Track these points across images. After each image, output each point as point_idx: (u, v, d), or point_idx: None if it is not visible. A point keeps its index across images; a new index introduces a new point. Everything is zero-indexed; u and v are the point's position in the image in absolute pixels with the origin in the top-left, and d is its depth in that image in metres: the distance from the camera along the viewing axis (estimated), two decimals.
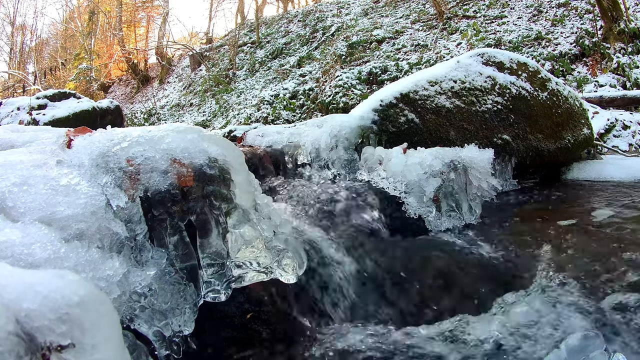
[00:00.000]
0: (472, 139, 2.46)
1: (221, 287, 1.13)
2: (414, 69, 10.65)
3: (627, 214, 1.87)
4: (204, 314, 1.13)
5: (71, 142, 1.15)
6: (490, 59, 2.83)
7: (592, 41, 9.28)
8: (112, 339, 0.63)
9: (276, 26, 19.51)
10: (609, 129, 6.03)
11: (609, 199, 2.17)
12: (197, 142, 1.18)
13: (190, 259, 1.09)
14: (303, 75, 13.72)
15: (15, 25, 25.27)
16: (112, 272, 0.89)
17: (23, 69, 24.52)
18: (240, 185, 1.21)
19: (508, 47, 10.09)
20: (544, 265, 1.50)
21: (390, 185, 1.97)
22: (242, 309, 1.33)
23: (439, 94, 2.55)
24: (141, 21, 26.00)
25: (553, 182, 2.81)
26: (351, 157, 2.21)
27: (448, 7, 13.39)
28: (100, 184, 1.04)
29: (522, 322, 1.25)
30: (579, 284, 1.36)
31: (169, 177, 1.09)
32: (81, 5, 26.78)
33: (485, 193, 2.20)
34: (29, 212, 0.89)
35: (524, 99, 2.70)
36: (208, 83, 17.01)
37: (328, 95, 10.93)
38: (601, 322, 1.19)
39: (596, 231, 1.70)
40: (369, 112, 2.41)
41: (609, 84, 8.06)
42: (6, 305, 0.54)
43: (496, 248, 1.68)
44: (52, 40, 29.00)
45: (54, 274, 0.62)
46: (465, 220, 1.93)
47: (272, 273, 1.22)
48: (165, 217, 1.07)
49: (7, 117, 8.39)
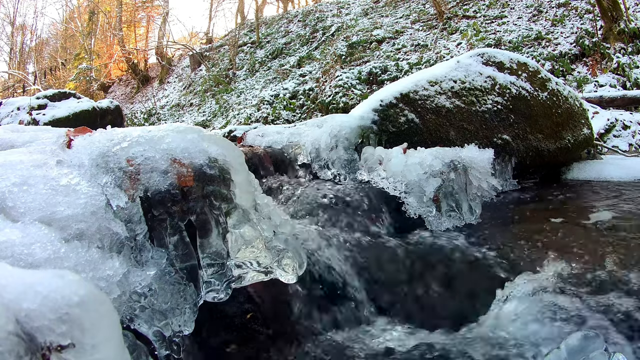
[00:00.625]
0: (472, 139, 2.46)
1: (221, 287, 1.13)
2: (414, 69, 10.65)
3: (627, 215, 1.87)
4: (204, 314, 1.13)
5: (71, 142, 1.15)
6: (490, 59, 2.83)
7: (592, 41, 9.28)
8: (112, 339, 0.63)
9: (276, 26, 19.51)
10: (609, 129, 6.03)
11: (609, 198, 2.17)
12: (197, 142, 1.18)
13: (190, 259, 1.09)
14: (303, 75, 13.72)
15: (15, 25, 25.29)
16: (112, 272, 0.89)
17: (23, 69, 24.53)
18: (240, 185, 1.21)
19: (508, 47, 10.09)
20: (544, 265, 1.50)
21: (390, 185, 1.97)
22: (242, 309, 1.33)
23: (439, 94, 2.55)
24: (141, 21, 26.01)
25: (553, 182, 2.81)
26: (351, 157, 2.21)
27: (448, 7, 13.39)
28: (100, 184, 1.04)
29: (522, 322, 1.25)
30: (579, 284, 1.36)
31: (169, 177, 1.09)
32: (81, 5, 26.80)
33: (485, 193, 2.20)
34: (29, 212, 0.89)
35: (524, 99, 2.70)
36: (208, 83, 17.01)
37: (328, 95, 10.93)
38: (601, 322, 1.19)
39: (596, 231, 1.70)
40: (369, 112, 2.41)
41: (609, 84, 8.06)
42: (6, 305, 0.54)
43: (496, 248, 1.68)
44: (52, 40, 29.02)
45: (54, 274, 0.62)
46: (465, 220, 1.93)
47: (272, 273, 1.22)
48: (165, 217, 1.07)
49: (7, 117, 8.39)
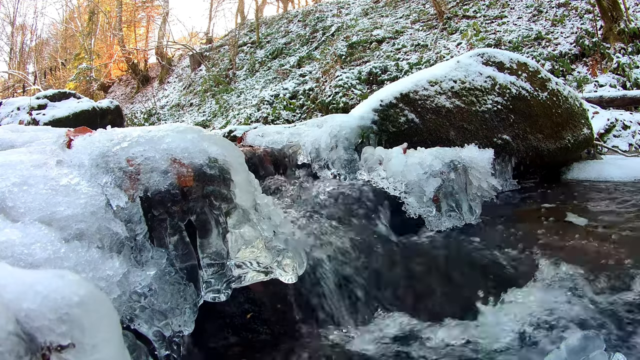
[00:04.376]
0: (472, 139, 2.46)
1: (221, 287, 1.13)
2: (414, 69, 10.64)
3: (627, 215, 1.87)
4: (204, 314, 1.13)
5: (71, 142, 1.15)
6: (490, 59, 2.83)
7: (592, 41, 9.27)
8: (112, 339, 0.63)
9: (276, 26, 19.50)
10: (609, 129, 6.02)
11: (609, 199, 2.17)
12: (197, 142, 1.18)
13: (190, 259, 1.09)
14: (303, 75, 13.71)
15: (15, 25, 25.26)
16: (112, 272, 0.89)
17: (23, 69, 24.51)
18: (240, 185, 1.21)
19: (508, 47, 10.09)
20: (544, 265, 1.50)
21: (390, 185, 1.97)
22: (242, 309, 1.33)
23: (439, 94, 2.55)
24: (141, 21, 25.99)
25: (553, 182, 2.81)
26: (351, 157, 2.21)
27: (448, 7, 13.38)
28: (100, 184, 1.04)
29: (521, 322, 1.25)
30: (579, 284, 1.36)
31: (169, 177, 1.09)
32: (81, 5, 26.77)
33: (485, 193, 2.20)
34: (29, 212, 0.89)
35: (524, 99, 2.70)
36: (208, 83, 17.00)
37: (328, 95, 10.93)
38: (601, 322, 1.19)
39: (596, 231, 1.70)
40: (369, 112, 2.41)
41: (609, 84, 8.06)
42: (6, 305, 0.54)
43: (496, 248, 1.68)
44: (52, 40, 28.99)
45: (54, 274, 0.62)
46: (465, 220, 1.93)
47: (272, 273, 1.22)
48: (165, 217, 1.07)
49: (7, 117, 8.38)
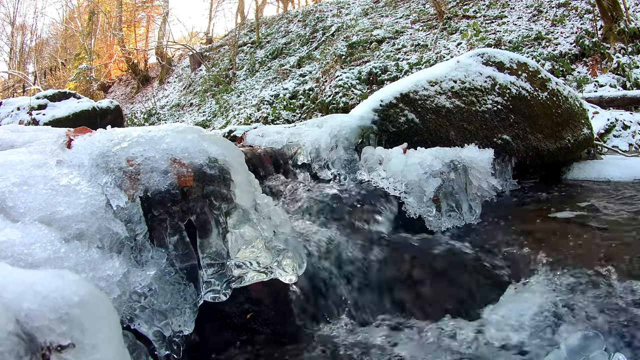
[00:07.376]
0: (472, 139, 2.46)
1: (221, 287, 1.13)
2: (414, 69, 10.64)
3: (627, 214, 1.87)
4: (204, 314, 1.13)
5: (71, 142, 1.15)
6: (490, 59, 2.83)
7: (592, 41, 9.28)
8: (112, 339, 0.63)
9: (276, 26, 19.50)
10: (609, 129, 6.03)
11: (609, 199, 2.17)
12: (197, 142, 1.19)
13: (190, 259, 1.09)
14: (303, 75, 13.71)
15: (15, 25, 25.27)
16: (112, 272, 0.89)
17: (23, 69, 24.52)
18: (240, 185, 1.21)
19: (508, 47, 10.09)
20: (544, 265, 1.50)
21: (390, 185, 1.96)
22: (242, 309, 1.33)
23: (439, 94, 2.55)
24: (141, 21, 26.00)
25: (553, 182, 2.81)
26: (351, 157, 2.21)
27: (448, 7, 13.39)
28: (100, 184, 1.04)
29: (521, 322, 1.25)
30: (579, 284, 1.36)
31: (169, 177, 1.09)
32: (81, 5, 26.78)
33: (485, 193, 2.20)
34: (29, 212, 0.89)
35: (524, 99, 2.70)
36: (208, 83, 17.01)
37: (328, 95, 10.93)
38: (602, 322, 1.19)
39: (596, 231, 1.70)
40: (369, 112, 2.41)
41: (609, 84, 8.06)
42: (6, 305, 0.54)
43: (496, 248, 1.68)
44: (52, 40, 29.00)
45: (54, 274, 0.62)
46: (465, 220, 1.93)
47: (272, 273, 1.22)
48: (165, 217, 1.07)
49: (7, 117, 8.39)
